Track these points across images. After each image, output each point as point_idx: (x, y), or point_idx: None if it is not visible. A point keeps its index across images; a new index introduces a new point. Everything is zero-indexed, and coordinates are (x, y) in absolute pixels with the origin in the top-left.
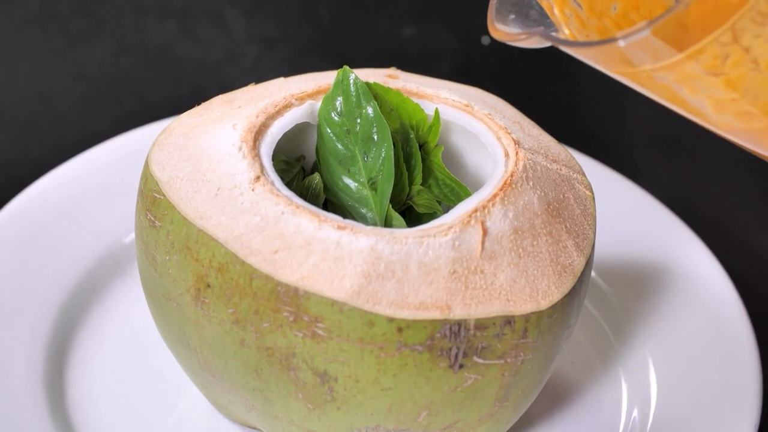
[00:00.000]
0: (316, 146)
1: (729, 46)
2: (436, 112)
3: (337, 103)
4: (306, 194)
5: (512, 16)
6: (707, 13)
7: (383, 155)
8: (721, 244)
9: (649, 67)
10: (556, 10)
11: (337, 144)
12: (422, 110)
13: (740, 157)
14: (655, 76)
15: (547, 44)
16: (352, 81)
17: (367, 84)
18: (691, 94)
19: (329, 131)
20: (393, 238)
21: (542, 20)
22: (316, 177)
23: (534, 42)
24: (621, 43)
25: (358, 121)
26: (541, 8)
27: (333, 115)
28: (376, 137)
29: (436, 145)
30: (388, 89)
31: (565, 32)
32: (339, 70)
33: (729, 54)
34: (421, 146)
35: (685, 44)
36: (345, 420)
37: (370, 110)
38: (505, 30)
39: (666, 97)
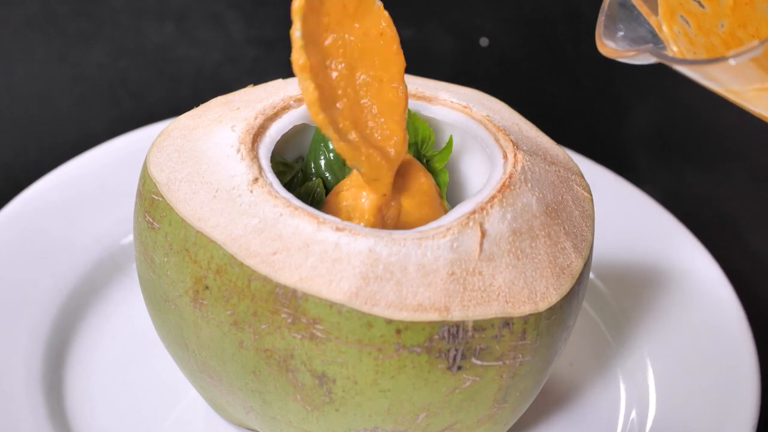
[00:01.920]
0: (309, 153)
1: None
2: (450, 138)
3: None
4: (307, 199)
5: (620, 33)
6: None
7: None
8: (720, 246)
9: (759, 86)
10: (664, 27)
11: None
12: (428, 127)
13: (739, 159)
14: (765, 95)
15: (654, 61)
16: None
17: None
18: None
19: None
20: (391, 240)
21: (650, 37)
22: (318, 182)
23: (642, 59)
24: (732, 62)
25: None
26: (650, 25)
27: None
28: None
29: (443, 168)
30: None
31: (674, 49)
32: None
33: None
34: (427, 161)
35: None
36: (343, 422)
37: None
38: (612, 46)
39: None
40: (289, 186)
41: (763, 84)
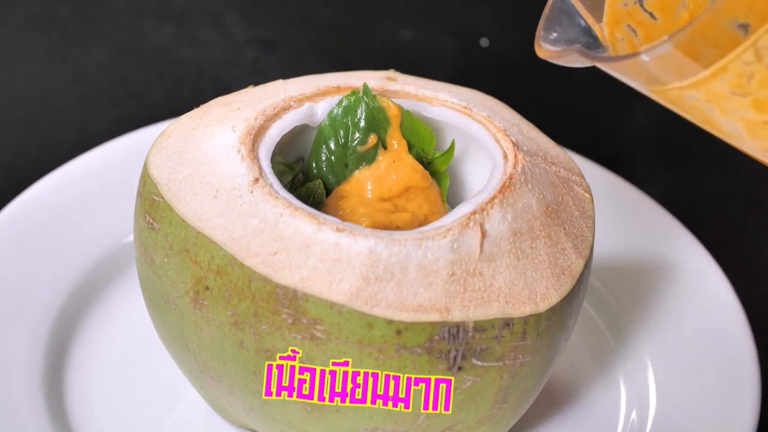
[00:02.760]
0: (310, 153)
1: (753, 65)
2: (453, 143)
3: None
4: (308, 200)
5: (554, 35)
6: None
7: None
8: (720, 247)
9: (677, 85)
10: (605, 33)
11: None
12: (430, 130)
13: (739, 160)
14: (685, 95)
15: (588, 63)
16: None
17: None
18: (723, 116)
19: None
20: (392, 241)
21: (590, 42)
22: (319, 183)
23: (573, 59)
24: (644, 57)
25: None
26: (591, 29)
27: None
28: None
29: (444, 172)
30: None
31: (610, 54)
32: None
33: (754, 73)
34: (428, 163)
35: (710, 61)
36: (344, 422)
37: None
38: (548, 48)
39: (700, 120)
40: (289, 187)
41: (681, 82)
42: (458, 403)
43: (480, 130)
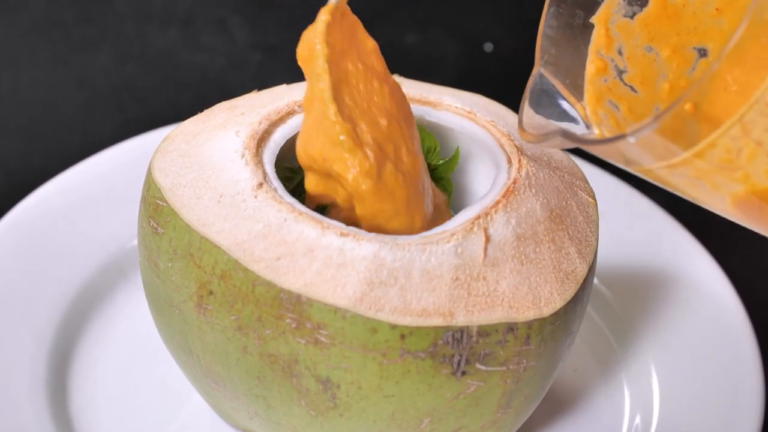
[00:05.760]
0: None
1: (740, 140)
2: (457, 150)
3: None
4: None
5: (536, 118)
6: (716, 107)
7: None
8: (724, 252)
9: (665, 163)
10: (588, 111)
11: None
12: (434, 137)
13: None
14: (674, 173)
15: (572, 145)
16: None
17: None
18: (713, 191)
19: None
20: (396, 245)
21: (573, 123)
22: None
23: (557, 143)
24: (630, 139)
25: None
26: (573, 109)
27: None
28: None
29: (448, 179)
30: None
31: (594, 133)
32: None
33: (742, 148)
34: (433, 169)
35: (697, 138)
36: (347, 427)
37: None
38: (531, 131)
39: (691, 194)
40: (294, 192)
41: (669, 161)
42: (462, 408)
43: (484, 134)
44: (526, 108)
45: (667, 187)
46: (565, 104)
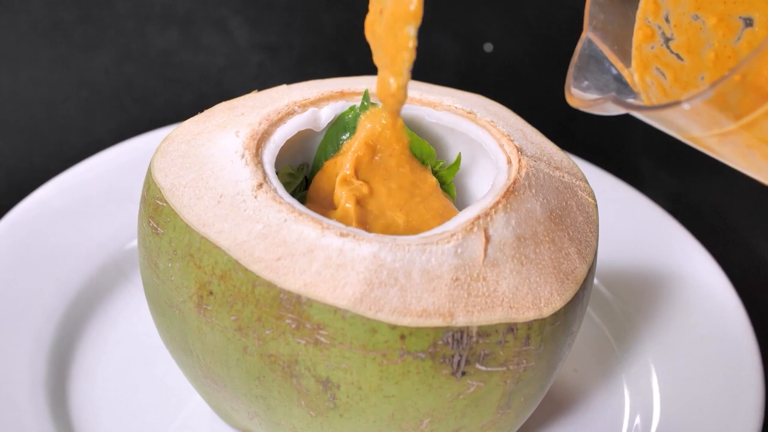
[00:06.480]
0: (315, 159)
1: None
2: (459, 156)
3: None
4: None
5: (585, 83)
6: (760, 78)
7: None
8: (724, 252)
9: (717, 131)
10: (636, 78)
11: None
12: (428, 145)
13: None
14: (725, 141)
15: (622, 111)
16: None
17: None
18: (763, 160)
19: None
20: (396, 246)
21: (621, 88)
22: None
23: (607, 108)
24: (685, 105)
25: None
26: (621, 75)
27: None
28: None
29: (450, 183)
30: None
31: (642, 99)
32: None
33: None
34: (434, 174)
35: (750, 107)
36: (347, 427)
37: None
38: (580, 97)
39: (741, 164)
40: (294, 193)
41: (721, 129)
42: (462, 409)
43: (484, 135)
44: (575, 72)
45: (714, 155)
46: (613, 70)
